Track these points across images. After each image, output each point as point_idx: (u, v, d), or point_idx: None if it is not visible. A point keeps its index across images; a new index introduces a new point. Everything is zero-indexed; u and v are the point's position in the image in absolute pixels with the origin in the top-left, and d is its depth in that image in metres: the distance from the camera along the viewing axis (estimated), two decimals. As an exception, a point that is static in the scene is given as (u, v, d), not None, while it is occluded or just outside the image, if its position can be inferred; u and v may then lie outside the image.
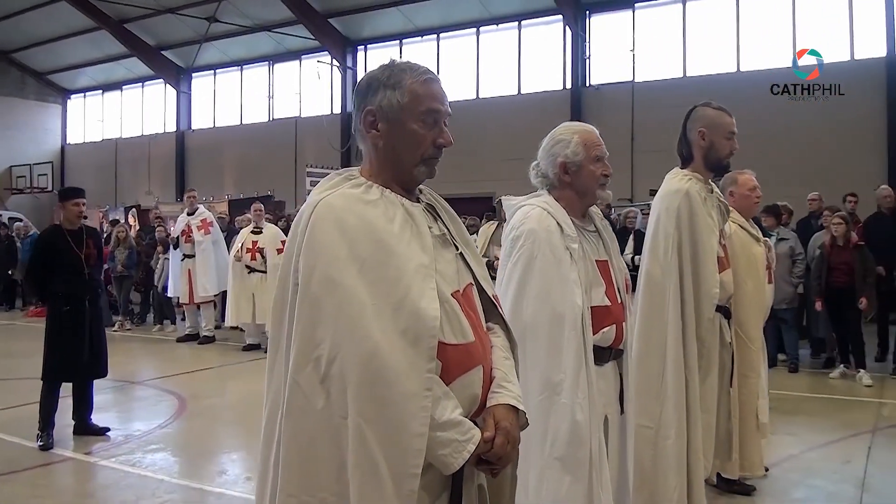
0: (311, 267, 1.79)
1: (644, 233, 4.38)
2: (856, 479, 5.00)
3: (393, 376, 1.71)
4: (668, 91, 15.76)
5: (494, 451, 1.81)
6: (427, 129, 1.94)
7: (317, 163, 19.27)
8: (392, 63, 1.97)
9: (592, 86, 17.78)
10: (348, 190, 1.89)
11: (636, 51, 17.35)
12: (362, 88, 1.96)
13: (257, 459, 1.98)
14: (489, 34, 19.33)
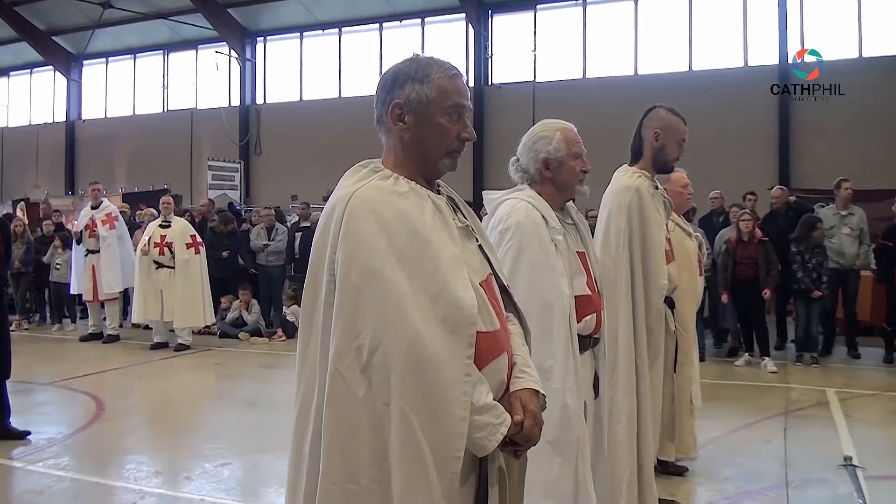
0: (350, 258, 1.83)
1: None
2: (778, 458, 5.34)
3: (435, 363, 1.76)
4: (568, 92, 16.22)
5: (524, 433, 1.90)
6: (452, 123, 1.99)
7: (214, 156, 18.82)
8: (417, 57, 2.02)
9: (494, 84, 18.06)
10: (379, 182, 1.93)
11: (537, 51, 17.71)
12: (388, 81, 2.00)
13: (290, 451, 1.98)
14: (392, 30, 19.32)
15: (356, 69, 19.36)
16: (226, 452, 5.51)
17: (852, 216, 9.33)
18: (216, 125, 19.91)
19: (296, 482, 1.97)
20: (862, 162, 12.81)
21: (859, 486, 4.68)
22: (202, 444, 5.79)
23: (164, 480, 5.02)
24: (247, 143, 20.07)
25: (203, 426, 6.37)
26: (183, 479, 5.00)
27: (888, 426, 6.34)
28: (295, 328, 11.11)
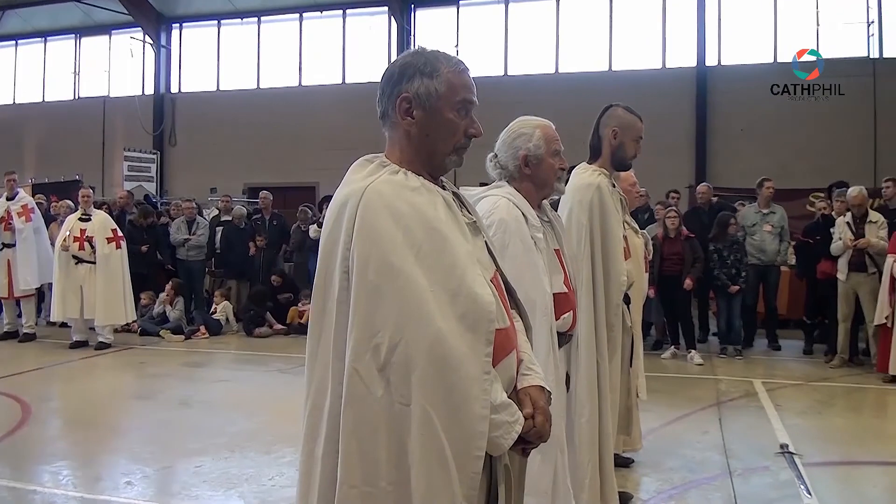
0: (367, 254, 1.79)
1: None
2: (718, 447, 5.53)
3: (457, 361, 1.74)
4: (490, 88, 16.24)
5: (536, 430, 1.91)
6: (461, 118, 1.97)
7: (128, 146, 18.18)
8: (423, 50, 1.99)
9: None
10: (390, 177, 1.90)
11: (460, 47, 17.75)
12: (395, 74, 1.96)
13: (300, 453, 1.95)
14: (313, 21, 19.05)
15: (275, 60, 18.99)
16: (165, 455, 5.35)
17: (773, 214, 9.71)
18: (130, 114, 19.23)
19: (307, 485, 1.92)
20: (775, 162, 13.33)
21: (799, 473, 4.89)
22: (140, 446, 5.59)
23: (106, 486, 4.83)
24: (161, 134, 19.46)
25: (138, 428, 6.16)
26: (125, 485, 4.81)
27: (816, 414, 6.64)
28: (220, 326, 11.01)
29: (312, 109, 17.73)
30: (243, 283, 11.93)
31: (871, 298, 8.07)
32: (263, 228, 12.08)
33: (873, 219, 8.29)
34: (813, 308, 9.49)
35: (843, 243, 8.31)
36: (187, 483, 4.83)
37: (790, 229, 9.88)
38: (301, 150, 17.75)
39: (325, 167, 17.17)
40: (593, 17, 16.60)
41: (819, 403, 7.02)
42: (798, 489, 4.64)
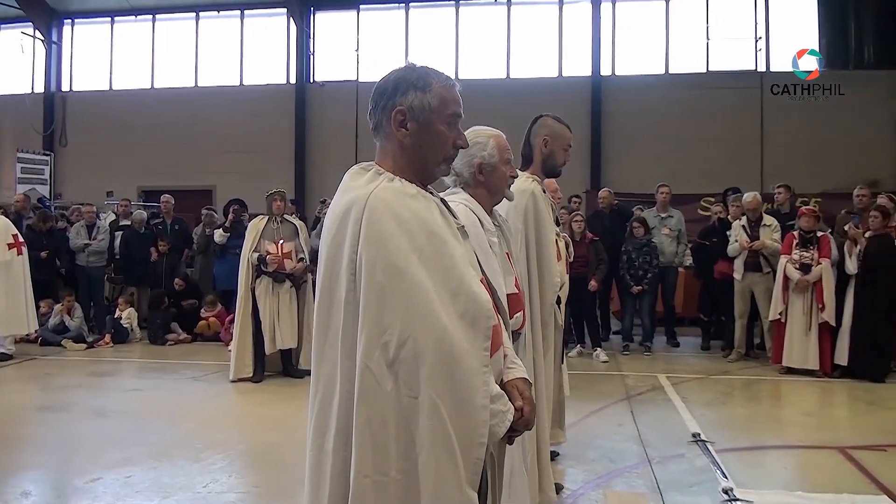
0: (374, 257, 1.89)
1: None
2: (634, 438, 5.84)
3: (460, 355, 1.87)
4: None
5: (524, 419, 2.05)
6: (450, 131, 2.11)
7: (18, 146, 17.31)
8: (414, 65, 2.11)
9: (317, 82, 17.94)
10: (389, 184, 2.00)
11: (360, 51, 17.79)
12: (388, 88, 2.07)
13: (308, 449, 2.04)
14: (209, 20, 18.67)
15: (171, 59, 18.51)
16: (93, 467, 5.19)
17: (671, 218, 10.24)
18: (19, 113, 18.31)
19: (318, 479, 2.01)
20: (668, 169, 13.96)
21: (714, 459, 5.24)
22: (64, 460, 5.43)
23: (35, 502, 4.69)
24: (51, 134, 18.66)
25: (58, 441, 5.94)
26: (56, 499, 4.69)
27: (721, 405, 7.07)
28: (128, 333, 10.69)
29: (209, 111, 17.40)
30: (144, 289, 11.60)
31: (766, 296, 8.66)
32: (165, 233, 11.81)
33: (767, 222, 8.88)
34: (709, 306, 10.05)
35: (740, 245, 8.85)
36: (120, 494, 4.72)
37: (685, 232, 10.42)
38: (197, 152, 17.38)
39: (222, 170, 16.94)
40: (492, 24, 16.93)
41: (722, 395, 7.48)
42: (714, 474, 4.96)
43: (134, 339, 10.82)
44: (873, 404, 7.04)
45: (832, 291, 8.02)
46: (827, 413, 7.18)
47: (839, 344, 8.05)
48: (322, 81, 17.80)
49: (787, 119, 14.54)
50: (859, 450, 5.48)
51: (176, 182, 16.41)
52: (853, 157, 14.01)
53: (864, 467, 5.11)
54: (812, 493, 4.61)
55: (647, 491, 4.71)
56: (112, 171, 17.41)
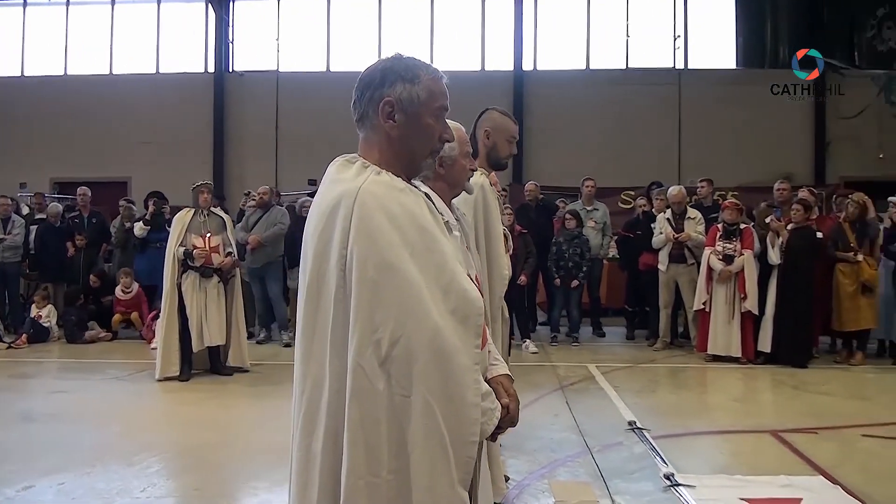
0: (365, 253, 1.85)
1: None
2: (572, 428, 5.93)
3: (453, 353, 1.84)
4: (312, 84, 16.26)
5: (510, 417, 2.05)
6: (437, 123, 2.08)
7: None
8: (400, 56, 2.07)
9: (236, 72, 17.56)
10: (378, 178, 1.95)
11: (281, 40, 17.49)
12: (375, 78, 2.02)
13: (294, 450, 1.98)
14: (125, 6, 18.00)
15: (85, 46, 17.80)
16: (25, 475, 4.93)
17: (596, 211, 10.45)
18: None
19: (305, 481, 1.95)
20: (588, 162, 14.22)
21: (652, 445, 5.36)
22: (-8, 467, 5.18)
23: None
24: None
25: (-18, 448, 5.66)
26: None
27: (651, 393, 7.27)
28: (47, 332, 10.24)
29: (124, 100, 16.78)
30: (61, 285, 11.17)
31: (690, 287, 8.93)
32: (82, 227, 11.38)
33: (691, 215, 9.16)
34: (634, 297, 10.29)
35: (665, 237, 9.09)
36: (55, 502, 4.54)
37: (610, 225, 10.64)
38: (112, 142, 16.76)
39: (137, 161, 16.42)
40: (414, 16, 16.89)
41: (652, 383, 7.68)
42: (654, 460, 5.08)
43: (52, 337, 10.40)
44: (798, 389, 7.35)
45: (754, 281, 8.32)
46: (755, 398, 7.46)
47: (762, 332, 8.37)
48: (241, 71, 17.42)
49: (704, 115, 14.99)
50: (791, 433, 5.70)
51: (90, 173, 15.81)
52: (768, 152, 14.55)
53: (797, 449, 5.33)
54: (750, 476, 4.76)
55: (591, 479, 4.77)
56: (24, 162, 16.65)
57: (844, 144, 14.80)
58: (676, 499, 4.45)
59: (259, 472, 4.90)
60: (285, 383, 7.54)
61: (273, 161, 16.44)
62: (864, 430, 5.81)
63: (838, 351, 8.80)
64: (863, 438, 5.65)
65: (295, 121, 16.07)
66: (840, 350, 8.76)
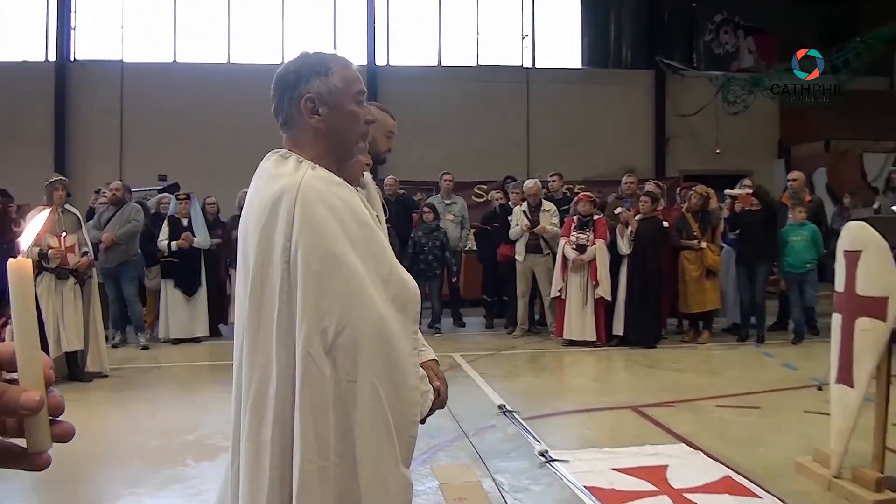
0: (310, 246, 1.89)
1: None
2: (445, 414, 5.95)
3: (395, 339, 1.93)
4: (158, 75, 15.65)
5: (440, 399, 2.16)
6: (360, 108, 2.13)
7: None
8: (307, 53, 2.11)
9: (79, 61, 16.58)
10: (316, 172, 1.99)
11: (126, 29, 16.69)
12: (290, 79, 2.06)
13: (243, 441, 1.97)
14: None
15: None
16: None
17: (455, 204, 10.67)
18: None
19: (256, 471, 1.97)
20: (442, 157, 14.45)
21: (524, 426, 5.58)
22: None
23: None
24: None
25: None
26: None
27: (516, 378, 7.52)
28: None
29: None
30: None
31: (546, 276, 9.30)
32: None
33: (546, 207, 9.52)
34: (492, 287, 10.59)
35: (521, 229, 9.41)
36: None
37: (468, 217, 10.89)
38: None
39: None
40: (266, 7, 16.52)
41: (515, 368, 7.96)
42: (527, 439, 5.31)
43: None
44: (652, 367, 7.84)
45: (607, 269, 8.77)
46: (613, 378, 7.88)
47: (615, 316, 8.85)
48: (84, 60, 16.46)
49: (552, 112, 15.56)
50: (650, 407, 6.11)
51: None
52: (612, 147, 15.33)
53: (658, 421, 5.72)
54: (618, 448, 5.08)
55: (471, 461, 4.92)
56: None
57: (683, 141, 15.82)
58: (552, 473, 4.67)
59: (137, 478, 4.73)
60: (148, 387, 7.50)
61: (118, 155, 15.64)
62: (716, 402, 6.33)
63: (685, 331, 9.45)
64: (716, 409, 6.15)
65: (141, 113, 15.34)
66: (687, 330, 9.41)
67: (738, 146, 15.44)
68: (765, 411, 6.06)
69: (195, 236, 9.35)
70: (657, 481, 4.48)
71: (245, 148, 14.01)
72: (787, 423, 5.71)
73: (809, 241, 8.75)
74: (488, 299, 10.72)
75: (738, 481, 4.48)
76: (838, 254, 4.54)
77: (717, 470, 4.67)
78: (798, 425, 5.64)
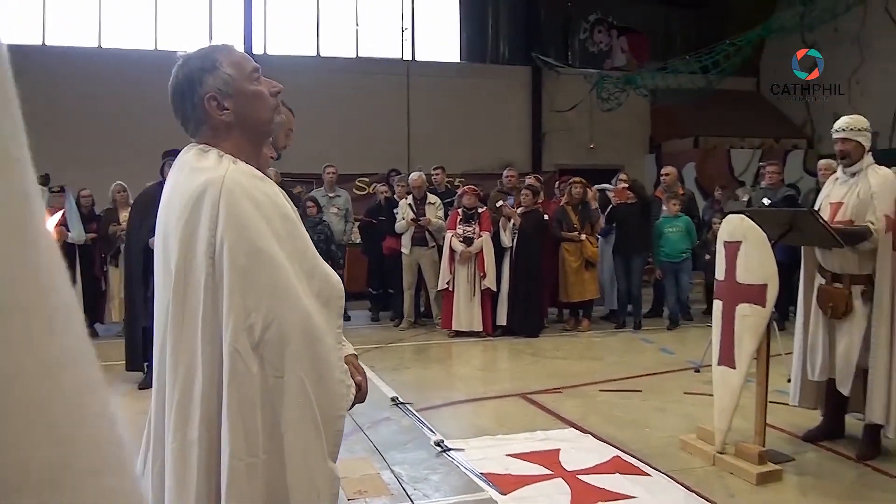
0: (235, 240, 1.88)
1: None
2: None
3: (321, 334, 1.95)
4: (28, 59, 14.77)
5: (362, 393, 2.18)
6: (261, 84, 2.12)
7: None
8: (187, 54, 2.08)
9: None
10: (238, 166, 1.97)
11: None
12: (184, 87, 2.03)
13: (170, 443, 1.93)
14: None
15: None
16: None
17: (339, 197, 10.57)
18: None
19: (184, 469, 1.93)
20: (324, 149, 14.28)
21: (418, 418, 5.64)
22: None
23: None
24: None
25: None
26: None
27: (406, 369, 7.58)
28: None
29: None
30: None
31: (432, 268, 9.39)
32: None
33: (431, 200, 9.59)
34: (377, 280, 10.57)
35: (406, 222, 9.44)
36: None
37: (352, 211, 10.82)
38: None
39: None
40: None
41: (405, 360, 8.02)
42: (422, 430, 5.37)
43: None
44: (536, 356, 8.06)
45: (492, 261, 8.94)
46: (500, 367, 8.07)
47: (499, 307, 9.04)
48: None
49: (432, 105, 15.61)
50: (538, 394, 6.30)
51: None
52: (491, 141, 15.53)
53: (546, 408, 5.90)
54: (510, 435, 5.22)
55: (368, 454, 4.94)
56: None
57: (559, 135, 16.19)
58: (449, 462, 4.75)
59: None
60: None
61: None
62: (600, 386, 6.59)
63: (566, 320, 9.75)
64: (601, 393, 6.41)
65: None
66: (568, 319, 9.72)
67: (612, 142, 15.97)
68: (646, 394, 6.36)
69: (69, 231, 8.87)
70: (551, 465, 4.64)
71: (119, 138, 13.54)
72: (669, 404, 6.03)
73: (684, 232, 9.25)
74: (374, 292, 10.70)
75: (628, 460, 4.71)
76: (718, 244, 4.79)
77: (606, 451, 4.89)
78: (679, 406, 5.97)
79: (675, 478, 4.41)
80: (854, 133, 4.75)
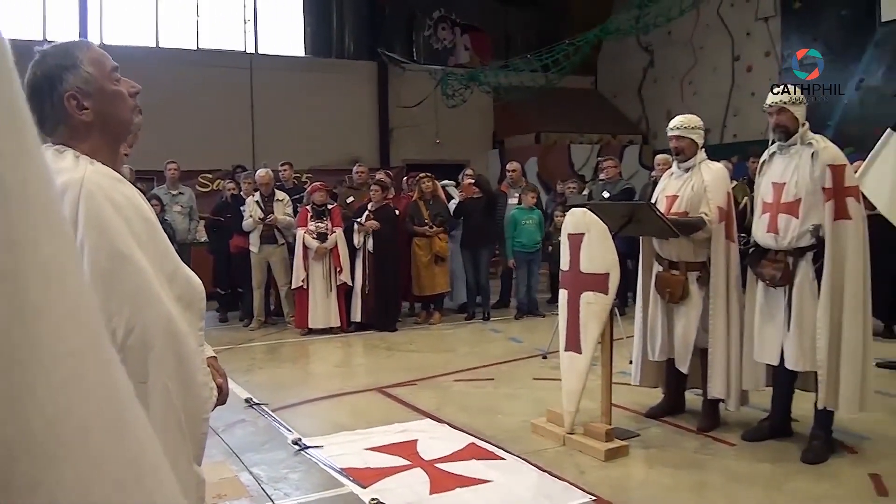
0: (97, 243, 1.84)
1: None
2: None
3: (183, 337, 1.94)
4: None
5: (223, 395, 2.20)
6: (119, 85, 2.09)
7: None
8: (43, 51, 2.03)
9: None
10: (97, 167, 1.93)
11: None
12: (42, 84, 1.97)
13: None
14: None
15: None
16: None
17: (182, 195, 10.26)
18: None
19: None
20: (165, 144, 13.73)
21: (274, 418, 5.60)
22: None
23: None
24: None
25: None
26: None
27: (259, 370, 7.48)
28: None
29: None
30: None
31: (282, 266, 9.31)
32: None
33: (279, 197, 9.49)
34: (225, 279, 10.32)
35: (254, 220, 9.28)
36: None
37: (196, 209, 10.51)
38: None
39: None
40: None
41: (257, 360, 7.90)
42: (279, 430, 5.35)
43: None
44: (391, 350, 8.17)
45: (347, 256, 8.95)
46: (355, 362, 8.09)
47: (354, 302, 9.07)
48: None
49: (276, 100, 15.31)
50: (393, 387, 6.40)
51: None
52: (338, 137, 15.42)
53: (403, 400, 6.01)
54: (369, 429, 5.29)
55: (225, 457, 4.87)
56: None
57: (406, 131, 16.29)
58: (308, 460, 4.76)
59: None
60: None
61: None
62: (454, 377, 6.78)
63: (418, 313, 9.91)
64: (454, 383, 6.59)
65: None
66: (420, 312, 9.87)
67: (457, 137, 16.26)
68: (498, 382, 6.60)
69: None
70: (409, 455, 4.74)
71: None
72: (520, 391, 6.28)
73: (537, 225, 9.62)
74: (222, 292, 10.44)
75: (482, 446, 4.88)
76: (563, 236, 5.03)
77: (462, 439, 5.04)
78: (529, 391, 6.23)
79: (529, 459, 4.63)
80: (688, 131, 5.12)
